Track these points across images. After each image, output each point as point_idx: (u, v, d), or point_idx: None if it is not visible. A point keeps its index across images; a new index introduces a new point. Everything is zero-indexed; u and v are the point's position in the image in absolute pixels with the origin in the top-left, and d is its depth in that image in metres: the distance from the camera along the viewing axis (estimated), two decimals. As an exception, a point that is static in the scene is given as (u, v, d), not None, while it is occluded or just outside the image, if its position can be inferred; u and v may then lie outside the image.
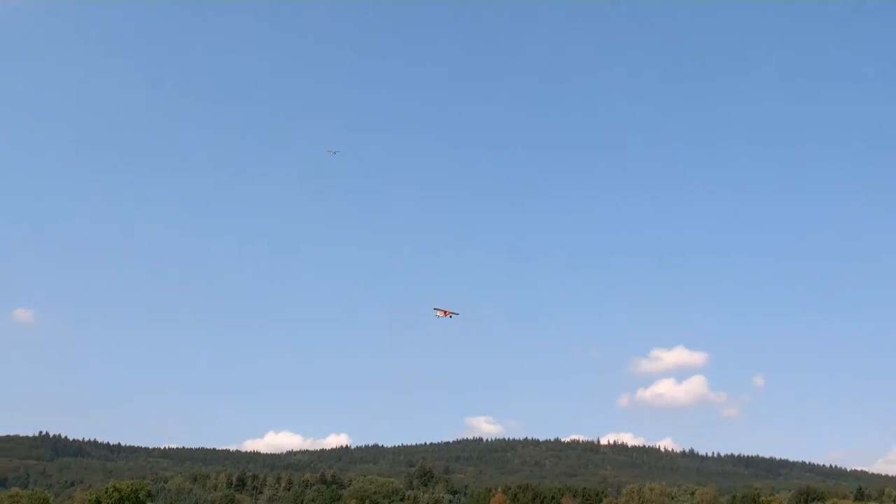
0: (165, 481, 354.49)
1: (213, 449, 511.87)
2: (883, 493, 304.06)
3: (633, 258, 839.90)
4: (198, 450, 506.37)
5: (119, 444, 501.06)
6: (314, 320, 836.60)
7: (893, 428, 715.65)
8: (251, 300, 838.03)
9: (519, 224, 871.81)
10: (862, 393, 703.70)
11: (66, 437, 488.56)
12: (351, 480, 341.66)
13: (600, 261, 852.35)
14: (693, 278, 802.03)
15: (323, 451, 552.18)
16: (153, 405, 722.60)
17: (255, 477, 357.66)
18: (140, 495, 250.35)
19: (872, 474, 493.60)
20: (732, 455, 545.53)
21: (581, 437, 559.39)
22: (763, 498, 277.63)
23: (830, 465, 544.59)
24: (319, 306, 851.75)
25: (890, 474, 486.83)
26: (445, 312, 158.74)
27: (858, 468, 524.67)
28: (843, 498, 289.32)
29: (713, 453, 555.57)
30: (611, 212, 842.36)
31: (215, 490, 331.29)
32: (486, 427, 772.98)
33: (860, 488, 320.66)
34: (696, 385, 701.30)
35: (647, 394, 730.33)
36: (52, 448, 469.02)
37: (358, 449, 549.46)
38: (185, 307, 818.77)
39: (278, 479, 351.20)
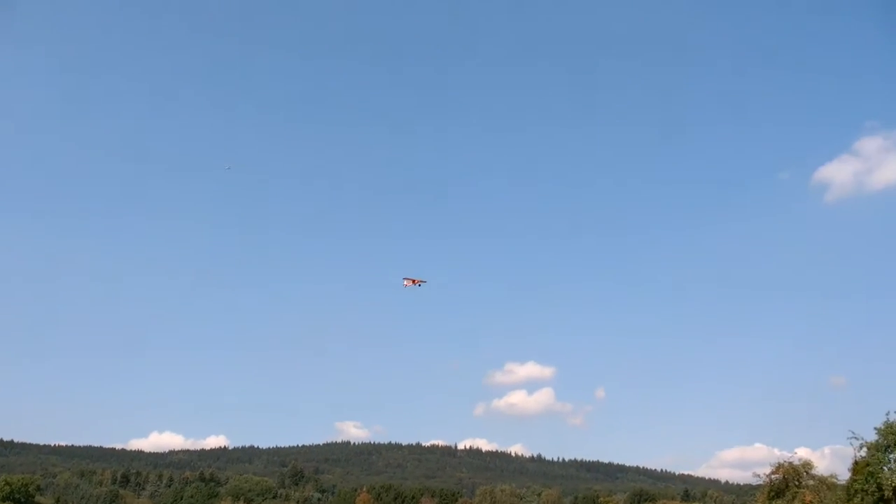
0: (54, 476, 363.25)
1: (101, 447, 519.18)
2: (706, 495, 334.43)
3: (494, 282, 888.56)
4: (86, 448, 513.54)
5: (12, 440, 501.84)
6: (198, 327, 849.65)
7: (716, 437, 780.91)
8: (141, 305, 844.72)
9: (394, 245, 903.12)
10: (689, 406, 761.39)
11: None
12: (228, 479, 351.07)
13: (463, 284, 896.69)
14: (545, 301, 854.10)
15: (203, 450, 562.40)
16: (45, 405, 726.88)
17: (138, 474, 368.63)
18: (30, 489, 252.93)
19: (697, 478, 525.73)
20: (576, 460, 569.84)
21: (440, 442, 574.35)
22: (601, 499, 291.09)
23: (661, 470, 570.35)
24: (202, 314, 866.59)
25: (712, 478, 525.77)
26: (414, 281, 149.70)
27: (685, 472, 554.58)
28: (672, 499, 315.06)
29: (559, 458, 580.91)
30: (476, 244, 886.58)
31: (101, 486, 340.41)
32: (354, 431, 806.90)
33: (686, 490, 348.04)
34: (544, 396, 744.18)
35: (500, 403, 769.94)
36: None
37: (235, 449, 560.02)
38: (75, 310, 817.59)
39: (160, 477, 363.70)
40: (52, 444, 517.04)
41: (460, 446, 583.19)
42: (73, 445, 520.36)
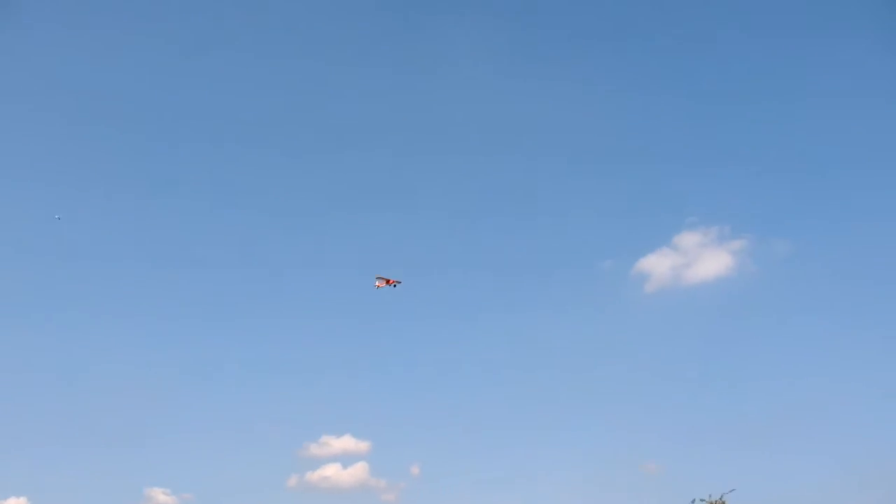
0: None
1: None
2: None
3: (313, 352, 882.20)
4: None
5: None
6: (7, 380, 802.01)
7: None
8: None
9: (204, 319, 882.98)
10: (502, 490, 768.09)
11: None
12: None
13: (283, 354, 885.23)
14: (364, 375, 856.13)
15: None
16: None
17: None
18: None
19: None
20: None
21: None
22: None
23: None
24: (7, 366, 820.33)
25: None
26: (388, 281, 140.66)
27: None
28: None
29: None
30: (301, 318, 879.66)
31: None
32: (163, 498, 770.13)
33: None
34: (359, 470, 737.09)
35: (314, 476, 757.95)
36: None
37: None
38: None
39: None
40: None
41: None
42: None
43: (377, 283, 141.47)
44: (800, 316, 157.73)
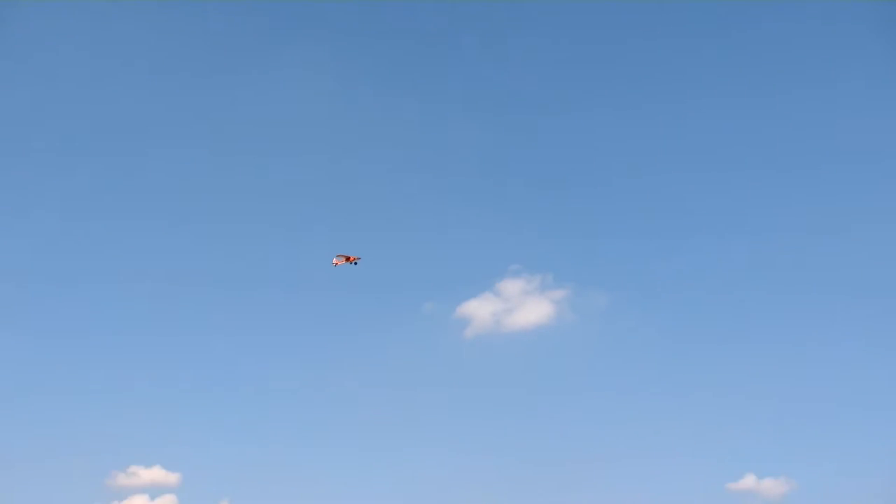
0: None
1: None
2: None
3: (124, 380, 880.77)
4: None
5: None
6: None
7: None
8: None
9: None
10: None
11: None
12: None
13: (85, 383, 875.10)
14: (176, 404, 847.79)
15: None
16: None
17: None
18: None
19: None
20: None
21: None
22: None
23: None
24: None
25: None
26: (348, 259, 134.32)
27: None
28: None
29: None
30: (115, 344, 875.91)
31: None
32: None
33: None
34: (167, 502, 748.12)
35: None
36: None
37: None
38: None
39: None
40: None
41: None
42: None
43: (335, 261, 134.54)
44: (613, 363, 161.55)
